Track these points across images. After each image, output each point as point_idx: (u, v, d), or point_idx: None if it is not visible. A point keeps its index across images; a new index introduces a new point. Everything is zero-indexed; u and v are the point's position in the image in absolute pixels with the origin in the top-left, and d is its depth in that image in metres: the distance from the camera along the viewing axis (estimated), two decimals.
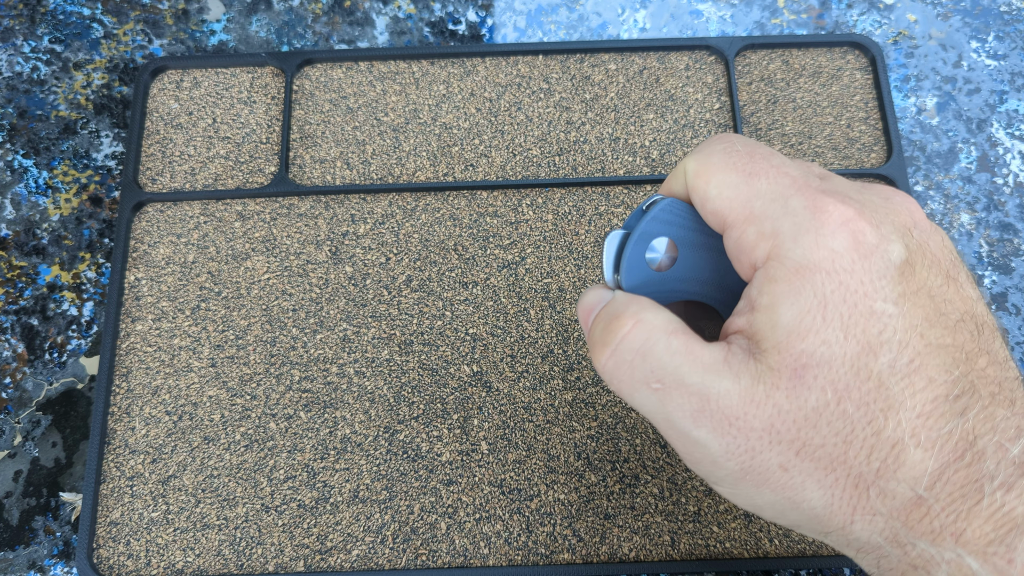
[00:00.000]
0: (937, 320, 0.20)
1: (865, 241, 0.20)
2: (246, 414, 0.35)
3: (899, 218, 0.22)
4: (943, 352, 0.20)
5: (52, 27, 0.42)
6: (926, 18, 0.42)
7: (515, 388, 0.35)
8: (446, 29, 0.42)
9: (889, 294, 0.20)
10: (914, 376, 0.20)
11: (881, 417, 0.20)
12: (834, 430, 0.20)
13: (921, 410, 0.19)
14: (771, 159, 0.22)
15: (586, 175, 0.38)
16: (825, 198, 0.21)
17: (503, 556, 0.32)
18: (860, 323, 0.20)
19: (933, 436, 0.19)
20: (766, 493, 0.21)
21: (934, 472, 0.19)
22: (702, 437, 0.21)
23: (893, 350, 0.20)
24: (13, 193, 0.39)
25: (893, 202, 0.22)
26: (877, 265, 0.20)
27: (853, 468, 0.20)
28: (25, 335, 0.37)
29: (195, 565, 0.33)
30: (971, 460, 0.19)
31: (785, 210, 0.21)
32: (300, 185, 0.38)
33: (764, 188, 0.22)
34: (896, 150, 0.38)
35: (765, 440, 0.20)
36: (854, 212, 0.21)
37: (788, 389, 0.20)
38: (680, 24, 0.42)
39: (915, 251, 0.21)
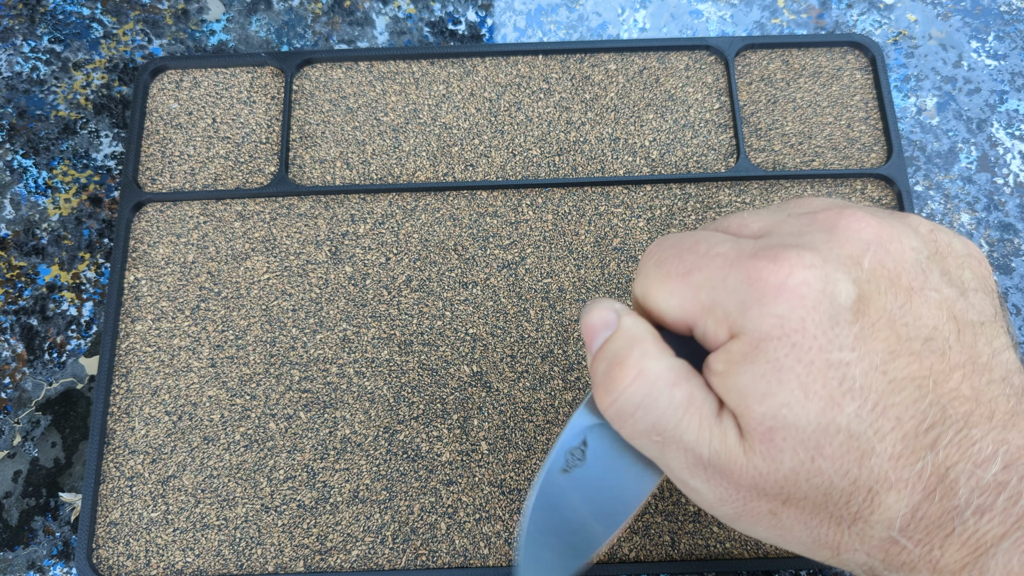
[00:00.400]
0: (901, 349, 0.20)
1: (809, 293, 0.20)
2: (246, 414, 0.35)
3: (844, 249, 0.21)
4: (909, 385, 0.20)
5: (52, 27, 0.42)
6: (926, 18, 0.42)
7: (515, 388, 0.35)
8: (446, 29, 0.42)
9: (845, 340, 0.20)
10: (881, 419, 0.20)
11: (856, 467, 0.20)
12: (813, 485, 0.20)
13: (892, 451, 0.20)
14: (698, 247, 0.22)
15: (586, 175, 0.38)
16: (758, 263, 0.21)
17: (503, 556, 0.32)
18: (819, 378, 0.20)
19: (905, 476, 0.20)
20: (760, 531, 0.22)
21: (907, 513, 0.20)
22: (698, 487, 0.22)
23: (857, 398, 0.20)
24: (13, 193, 0.39)
25: (836, 231, 0.21)
26: (827, 312, 0.20)
27: (833, 514, 0.21)
28: (25, 335, 0.37)
29: (195, 565, 0.33)
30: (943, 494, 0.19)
31: (726, 291, 0.21)
32: (300, 185, 0.38)
33: (701, 279, 0.22)
34: (896, 150, 0.38)
35: (753, 493, 0.21)
36: (791, 264, 0.20)
37: (763, 452, 0.21)
38: (680, 24, 0.42)
39: (867, 281, 0.21)
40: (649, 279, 0.23)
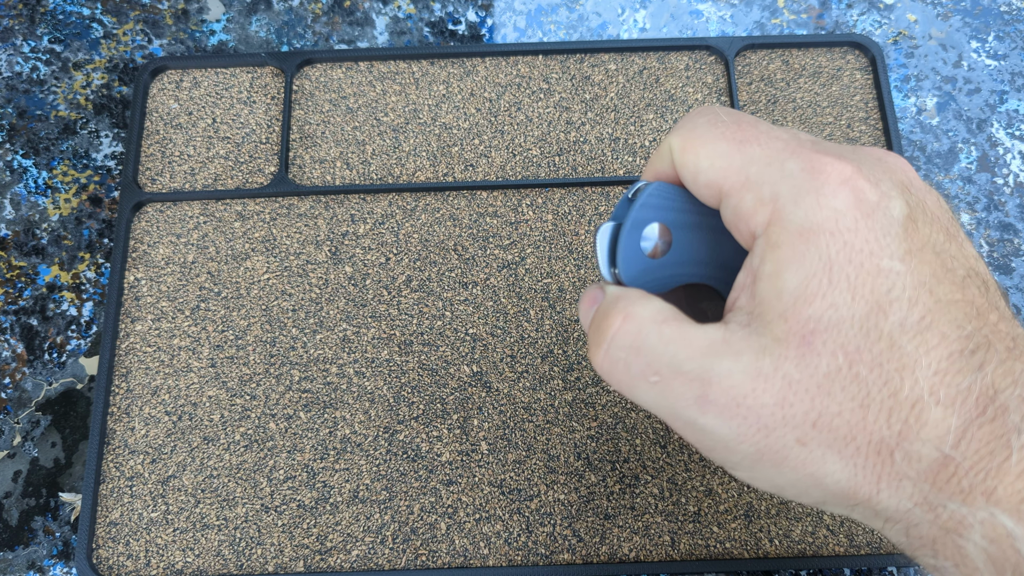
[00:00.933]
0: (944, 276, 0.20)
1: (866, 199, 0.20)
2: (246, 414, 0.35)
3: (896, 175, 0.21)
4: (954, 307, 0.19)
5: (52, 27, 0.42)
6: (926, 18, 0.42)
7: (515, 388, 0.35)
8: (446, 29, 0.42)
9: (895, 251, 0.19)
10: (927, 333, 0.19)
11: (897, 377, 0.19)
12: (849, 395, 0.19)
13: (938, 367, 0.19)
14: (759, 125, 0.22)
15: (586, 175, 0.38)
16: (822, 157, 0.20)
17: (503, 556, 0.32)
18: (868, 282, 0.19)
19: (953, 392, 0.19)
20: (787, 472, 0.20)
21: (958, 429, 0.18)
22: (709, 424, 0.20)
23: (903, 308, 0.19)
24: (13, 193, 0.39)
25: (887, 162, 0.22)
26: (880, 222, 0.20)
27: (874, 434, 0.19)
28: (24, 335, 0.37)
29: (195, 565, 0.33)
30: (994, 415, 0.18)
31: (782, 173, 0.20)
32: (300, 185, 0.38)
33: (757, 153, 0.21)
34: (896, 150, 0.38)
35: (778, 415, 0.20)
36: (852, 170, 0.20)
37: (797, 358, 0.19)
38: (680, 24, 0.42)
39: (916, 207, 0.20)
40: (697, 133, 0.22)
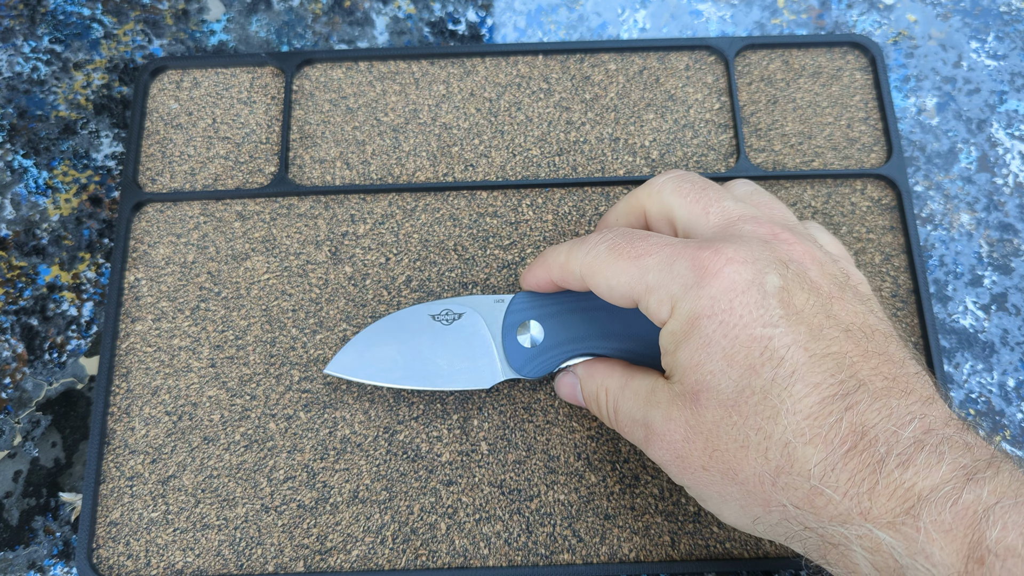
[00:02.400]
0: (820, 334, 0.24)
1: (740, 279, 0.24)
2: (246, 414, 0.35)
3: (775, 254, 0.25)
4: (827, 360, 0.23)
5: (52, 27, 0.42)
6: (926, 18, 0.42)
7: (515, 388, 0.35)
8: (446, 29, 0.42)
9: (769, 319, 0.24)
10: (797, 384, 0.23)
11: (770, 423, 0.23)
12: (731, 438, 0.24)
13: (808, 411, 0.23)
14: (650, 238, 0.27)
15: (586, 175, 0.38)
16: (702, 252, 0.25)
17: (503, 556, 0.32)
18: (742, 350, 0.24)
19: (821, 432, 0.22)
20: (702, 491, 0.26)
21: (825, 463, 0.22)
22: (653, 454, 0.27)
23: (774, 366, 0.23)
24: (13, 193, 0.39)
25: (771, 243, 0.26)
26: (754, 296, 0.24)
27: (755, 469, 0.24)
28: (25, 335, 0.37)
29: (195, 565, 0.33)
30: (864, 447, 0.22)
31: (672, 275, 0.25)
32: (300, 185, 0.38)
33: (651, 263, 0.26)
34: (896, 150, 0.38)
35: (686, 448, 0.25)
36: (728, 255, 0.25)
37: (691, 409, 0.25)
38: (680, 24, 0.42)
39: (792, 280, 0.25)
40: (600, 259, 0.27)
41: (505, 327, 0.32)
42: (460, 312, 0.33)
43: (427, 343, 0.33)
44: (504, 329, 0.32)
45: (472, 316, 0.33)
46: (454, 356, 0.33)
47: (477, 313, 0.33)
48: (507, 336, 0.32)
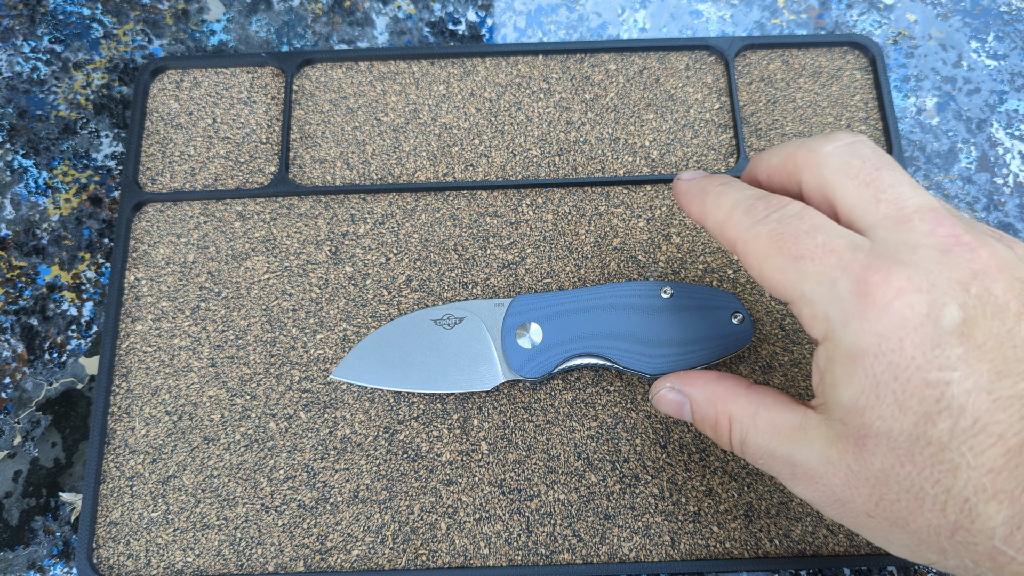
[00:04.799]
0: (1008, 368, 0.21)
1: (913, 315, 0.21)
2: (246, 414, 0.35)
3: (955, 273, 0.22)
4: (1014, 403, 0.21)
5: (52, 27, 0.42)
6: (926, 18, 0.42)
7: (515, 388, 0.35)
8: (446, 29, 0.42)
9: (946, 361, 0.21)
10: (979, 436, 0.21)
11: (949, 477, 0.21)
12: (904, 488, 0.22)
13: (992, 465, 0.20)
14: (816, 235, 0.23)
15: (586, 175, 0.38)
16: (871, 275, 0.22)
17: (503, 556, 0.32)
18: (915, 395, 0.21)
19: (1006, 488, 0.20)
20: (866, 531, 0.24)
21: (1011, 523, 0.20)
22: (800, 492, 0.25)
23: (953, 416, 0.21)
24: (13, 193, 0.39)
25: (951, 255, 0.22)
26: (929, 335, 0.21)
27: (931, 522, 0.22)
28: (25, 335, 0.37)
29: (195, 565, 0.33)
30: None
31: (832, 294, 0.22)
32: (300, 185, 0.38)
33: (811, 270, 0.23)
34: (896, 150, 0.38)
35: (848, 493, 0.23)
36: (902, 283, 0.21)
37: (855, 454, 0.23)
38: (680, 24, 0.42)
39: (974, 307, 0.21)
40: (758, 243, 0.24)
41: (505, 329, 0.33)
42: (461, 316, 0.34)
43: (429, 348, 0.34)
44: (504, 331, 0.33)
45: (473, 320, 0.33)
46: (456, 360, 0.33)
47: (478, 317, 0.34)
48: (507, 338, 0.33)
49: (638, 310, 0.32)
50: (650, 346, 0.32)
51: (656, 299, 0.32)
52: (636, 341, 0.32)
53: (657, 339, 0.32)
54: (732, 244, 0.26)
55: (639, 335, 0.32)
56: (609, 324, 0.32)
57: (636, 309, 0.32)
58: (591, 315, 0.32)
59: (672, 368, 0.31)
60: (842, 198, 0.24)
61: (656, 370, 0.32)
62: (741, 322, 0.32)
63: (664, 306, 0.32)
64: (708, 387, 0.28)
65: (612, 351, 0.32)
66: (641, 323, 0.32)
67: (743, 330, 0.32)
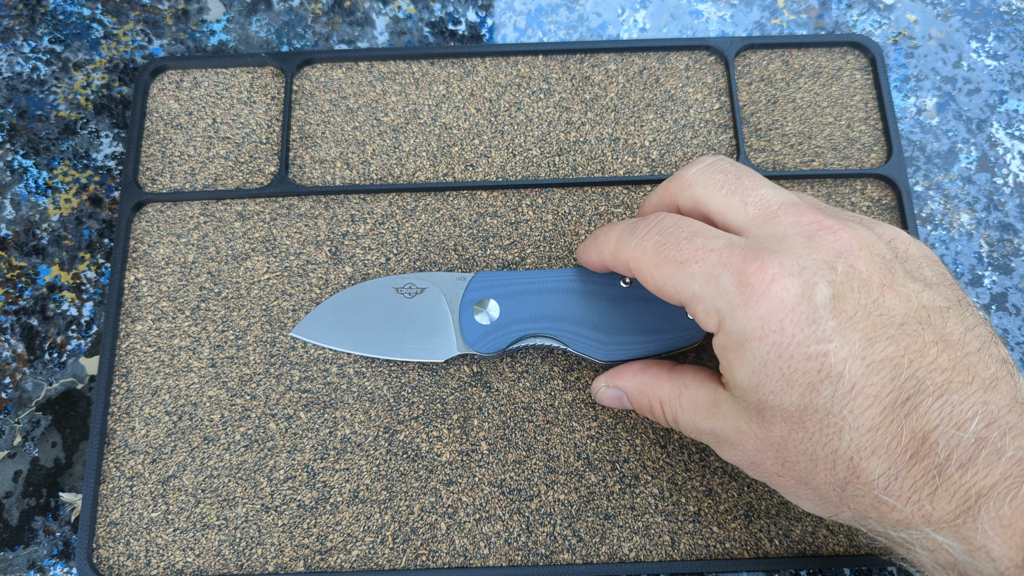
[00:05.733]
0: (877, 335, 0.23)
1: (789, 296, 0.24)
2: (246, 414, 0.35)
3: (821, 255, 0.24)
4: (884, 365, 0.23)
5: (52, 27, 0.42)
6: (926, 18, 0.42)
7: (515, 388, 0.35)
8: (446, 29, 0.42)
9: (822, 334, 0.23)
10: (857, 399, 0.23)
11: (835, 439, 0.23)
12: (800, 452, 0.24)
13: (870, 425, 0.23)
14: (695, 239, 0.26)
15: (586, 175, 0.38)
16: (748, 266, 0.24)
17: (503, 556, 0.32)
18: (799, 368, 0.23)
19: (884, 443, 0.23)
20: (779, 489, 0.27)
21: (888, 474, 0.23)
22: (726, 456, 0.28)
23: (833, 383, 0.23)
24: (13, 193, 0.39)
25: (816, 239, 0.25)
26: (803, 313, 0.23)
27: (824, 479, 0.24)
28: (25, 335, 0.37)
29: (195, 565, 0.33)
30: (924, 453, 0.22)
31: (717, 289, 0.25)
32: (300, 185, 0.38)
33: (696, 271, 0.25)
34: (896, 150, 0.38)
35: (759, 456, 0.26)
36: (776, 270, 0.24)
37: (758, 424, 0.25)
38: (680, 24, 0.42)
39: (842, 282, 0.24)
40: (647, 257, 0.27)
41: (463, 303, 0.33)
42: (423, 287, 0.34)
43: (389, 315, 0.34)
44: (462, 305, 0.33)
45: (434, 291, 0.34)
46: (413, 328, 0.34)
47: (439, 289, 0.34)
48: (464, 312, 0.33)
49: (596, 297, 0.33)
50: (604, 333, 0.32)
51: (615, 287, 0.33)
52: (591, 327, 0.32)
53: (612, 327, 0.32)
54: (626, 265, 0.28)
55: (594, 321, 0.32)
56: (566, 308, 0.33)
57: (594, 295, 0.33)
58: (549, 297, 0.33)
59: (623, 357, 0.32)
60: (715, 208, 0.27)
61: (607, 357, 0.32)
62: None
63: (622, 295, 0.33)
64: (636, 377, 0.30)
65: (566, 334, 0.32)
66: (597, 310, 0.32)
67: (697, 324, 0.32)
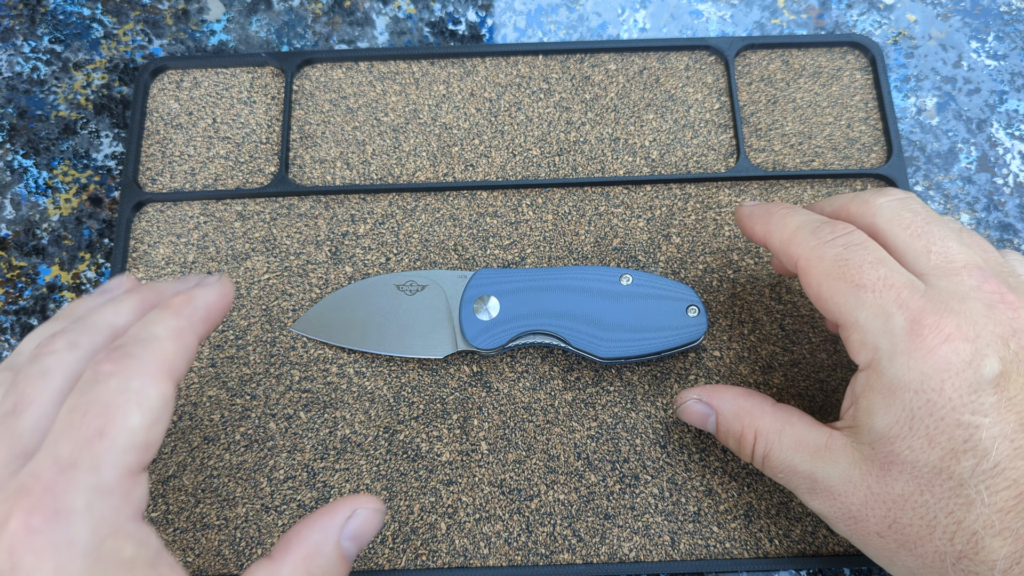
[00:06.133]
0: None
1: (957, 360, 0.23)
2: (246, 414, 0.35)
3: (998, 328, 0.24)
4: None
5: (52, 27, 0.42)
6: (926, 18, 0.42)
7: (515, 388, 0.35)
8: (446, 29, 0.42)
9: (979, 407, 0.23)
10: (997, 478, 0.23)
11: (963, 510, 0.23)
12: (918, 515, 0.24)
13: (1002, 506, 0.22)
14: (878, 268, 0.25)
15: (586, 175, 0.38)
16: (926, 317, 0.24)
17: (503, 556, 0.32)
18: (946, 433, 0.23)
19: (1012, 527, 0.22)
20: (871, 549, 0.26)
21: (1011, 558, 0.22)
22: (816, 507, 0.27)
23: (977, 456, 0.23)
24: (13, 193, 0.39)
25: (996, 311, 0.24)
26: (967, 381, 0.23)
27: (938, 548, 0.24)
28: (25, 335, 0.37)
29: (195, 565, 0.33)
30: None
31: (885, 328, 0.24)
32: (300, 185, 0.38)
33: (869, 300, 0.25)
34: (896, 150, 0.38)
35: (863, 512, 0.25)
36: (952, 330, 0.23)
37: (878, 477, 0.24)
38: (680, 24, 0.42)
39: (1011, 361, 0.23)
40: (822, 265, 0.26)
41: (464, 300, 0.33)
42: (424, 284, 0.34)
43: (389, 311, 0.34)
44: (463, 302, 0.33)
45: (435, 289, 0.34)
46: (414, 325, 0.34)
47: (440, 286, 0.34)
48: (465, 309, 0.33)
49: (596, 294, 0.33)
50: (603, 330, 0.32)
51: (615, 285, 0.33)
52: (590, 324, 0.32)
53: (611, 324, 0.32)
54: (794, 261, 0.27)
55: (594, 318, 0.32)
56: (566, 305, 0.33)
57: (594, 293, 0.33)
58: (549, 294, 0.33)
59: (622, 353, 0.32)
60: (894, 246, 0.26)
61: (607, 354, 0.32)
62: (696, 315, 0.33)
63: (622, 292, 0.33)
64: (735, 401, 0.29)
65: (566, 331, 0.32)
66: (597, 307, 0.33)
67: (697, 323, 0.33)
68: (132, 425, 0.21)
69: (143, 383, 0.22)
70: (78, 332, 0.24)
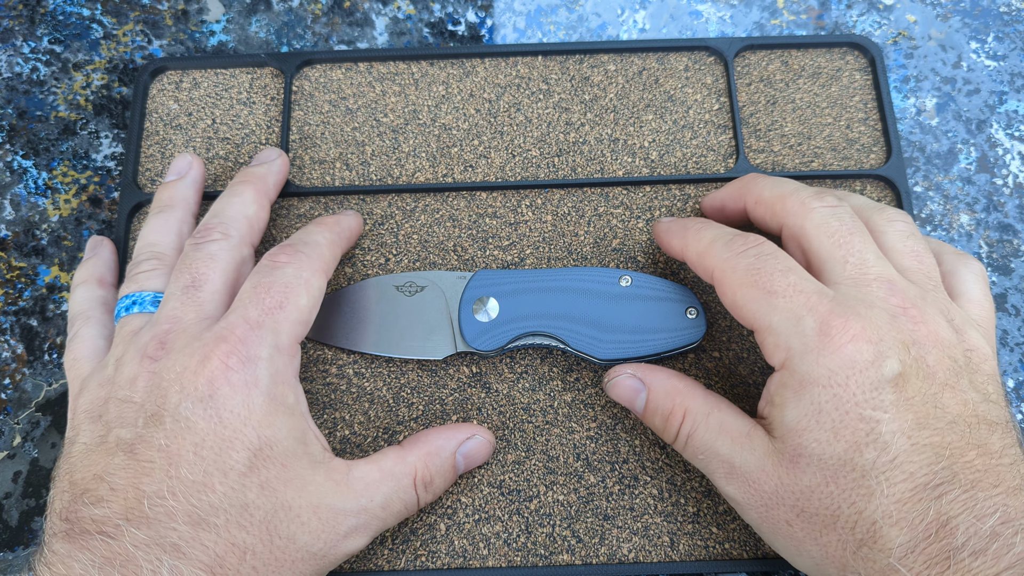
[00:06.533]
0: (927, 423, 0.25)
1: (861, 359, 0.25)
2: None
3: (900, 335, 0.26)
4: (927, 450, 0.24)
5: (52, 28, 0.42)
6: (926, 19, 0.42)
7: (514, 389, 0.35)
8: (445, 30, 0.42)
9: (880, 403, 0.25)
10: (895, 470, 0.24)
11: (863, 501, 0.24)
12: (824, 504, 0.25)
13: (900, 497, 0.24)
14: (788, 276, 0.27)
15: (585, 176, 0.38)
16: (833, 319, 0.25)
17: (502, 557, 0.32)
18: (850, 426, 0.25)
19: (908, 517, 0.24)
20: (779, 540, 0.27)
21: (906, 545, 0.24)
22: (730, 492, 0.28)
23: (878, 449, 0.24)
24: (12, 194, 0.39)
25: (898, 320, 0.26)
26: (870, 379, 0.25)
27: (840, 536, 0.25)
28: (24, 336, 0.37)
29: None
30: (943, 535, 0.23)
31: (796, 329, 0.26)
32: (300, 186, 0.38)
33: (781, 305, 0.26)
34: (895, 151, 0.38)
35: (774, 500, 0.26)
36: (857, 331, 0.25)
37: (788, 468, 0.26)
38: (679, 25, 0.42)
39: (910, 366, 0.25)
40: (736, 275, 0.28)
41: (463, 301, 0.34)
42: (423, 285, 0.35)
43: (388, 312, 0.34)
44: (462, 303, 0.34)
45: (434, 290, 0.34)
46: (413, 327, 0.34)
47: (439, 287, 0.34)
48: (464, 310, 0.33)
49: (596, 295, 0.33)
50: (603, 331, 0.32)
51: (614, 286, 0.33)
52: (590, 325, 0.32)
53: (611, 325, 0.32)
54: (710, 272, 0.29)
55: (594, 320, 0.33)
56: (566, 306, 0.33)
57: (594, 294, 0.33)
58: (549, 296, 0.33)
59: (622, 355, 0.32)
60: (816, 251, 0.28)
61: (606, 355, 0.32)
62: (695, 316, 0.33)
63: (621, 294, 0.33)
64: (669, 380, 0.30)
65: (565, 332, 0.32)
66: (597, 308, 0.33)
67: (696, 324, 0.33)
68: (302, 304, 0.29)
69: (311, 274, 0.29)
70: (225, 224, 0.31)
